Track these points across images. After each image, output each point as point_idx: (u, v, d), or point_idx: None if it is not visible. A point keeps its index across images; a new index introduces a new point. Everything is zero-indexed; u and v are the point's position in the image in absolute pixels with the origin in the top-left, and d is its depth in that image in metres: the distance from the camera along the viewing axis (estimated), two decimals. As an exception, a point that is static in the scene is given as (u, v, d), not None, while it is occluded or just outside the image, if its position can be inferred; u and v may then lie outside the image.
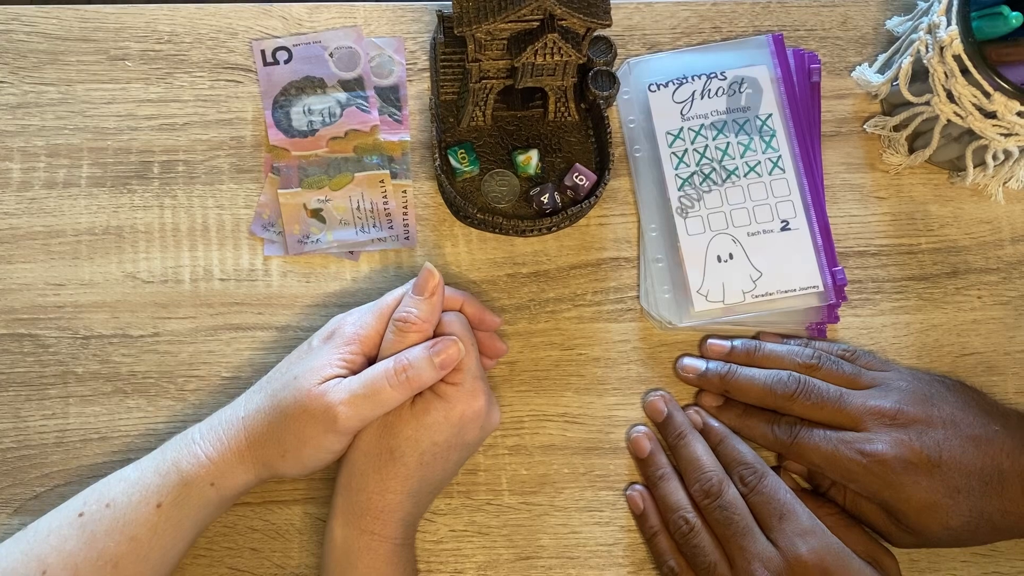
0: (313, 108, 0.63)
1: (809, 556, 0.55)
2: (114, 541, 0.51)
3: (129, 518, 0.52)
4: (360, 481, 0.54)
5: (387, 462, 0.53)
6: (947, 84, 0.59)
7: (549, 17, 0.54)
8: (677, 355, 0.64)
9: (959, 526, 0.56)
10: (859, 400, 0.59)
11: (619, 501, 0.62)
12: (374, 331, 0.56)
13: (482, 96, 0.62)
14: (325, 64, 0.63)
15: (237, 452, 0.54)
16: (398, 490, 0.54)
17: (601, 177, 0.63)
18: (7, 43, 0.66)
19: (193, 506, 0.53)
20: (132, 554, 0.51)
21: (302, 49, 0.62)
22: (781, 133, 0.65)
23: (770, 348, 0.62)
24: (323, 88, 0.62)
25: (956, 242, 0.66)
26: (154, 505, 0.52)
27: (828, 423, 0.59)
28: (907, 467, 0.56)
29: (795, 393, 0.59)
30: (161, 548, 0.52)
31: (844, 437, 0.58)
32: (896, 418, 0.58)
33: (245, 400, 0.56)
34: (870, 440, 0.57)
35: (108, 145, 0.65)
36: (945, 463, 0.56)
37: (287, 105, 0.62)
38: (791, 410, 0.60)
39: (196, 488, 0.53)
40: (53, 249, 0.63)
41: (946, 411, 0.58)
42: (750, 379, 0.61)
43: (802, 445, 0.59)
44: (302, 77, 0.63)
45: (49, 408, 0.61)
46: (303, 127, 0.62)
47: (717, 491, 0.58)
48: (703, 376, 0.62)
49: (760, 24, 0.69)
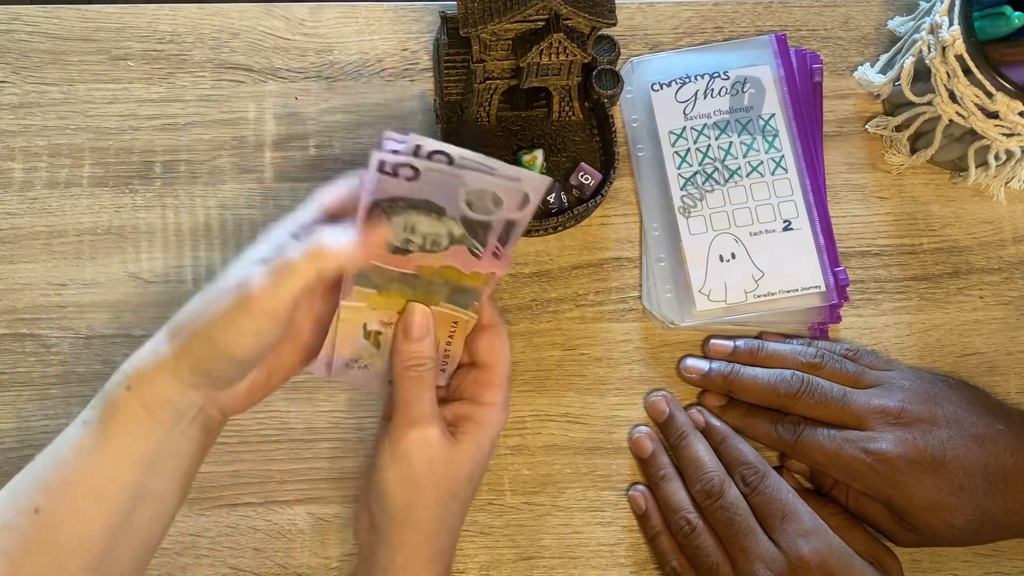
0: (418, 229, 0.49)
1: (811, 556, 0.55)
2: (45, 465, 0.49)
3: (60, 440, 0.49)
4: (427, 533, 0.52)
5: (448, 504, 0.52)
6: (949, 84, 0.59)
7: (554, 17, 0.54)
8: (679, 355, 0.64)
9: (963, 525, 0.56)
10: (863, 399, 0.59)
11: (621, 501, 0.62)
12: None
13: (486, 96, 0.62)
14: (455, 199, 0.48)
15: (154, 351, 0.48)
16: (459, 524, 0.54)
17: (606, 176, 0.63)
18: (9, 43, 0.66)
19: (117, 418, 0.48)
20: (60, 478, 0.48)
21: (435, 176, 0.47)
22: (784, 133, 0.65)
23: (773, 347, 0.62)
24: (439, 215, 0.49)
25: (958, 242, 0.66)
26: (81, 423, 0.49)
27: (832, 422, 0.59)
28: (911, 466, 0.56)
29: (799, 392, 0.59)
30: (88, 470, 0.48)
31: (848, 436, 0.58)
32: (900, 417, 0.58)
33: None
34: (874, 439, 0.57)
35: (110, 145, 0.65)
36: (949, 462, 0.56)
37: (391, 213, 0.48)
38: (795, 409, 0.60)
39: (115, 397, 0.48)
40: (55, 249, 0.63)
41: (950, 410, 0.58)
42: (754, 378, 0.61)
43: (806, 444, 0.59)
44: (420, 199, 0.48)
45: (51, 408, 0.61)
46: (398, 243, 0.49)
47: (718, 491, 0.58)
48: (706, 376, 0.62)
49: (762, 24, 0.69)
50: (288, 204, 0.65)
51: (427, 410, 0.51)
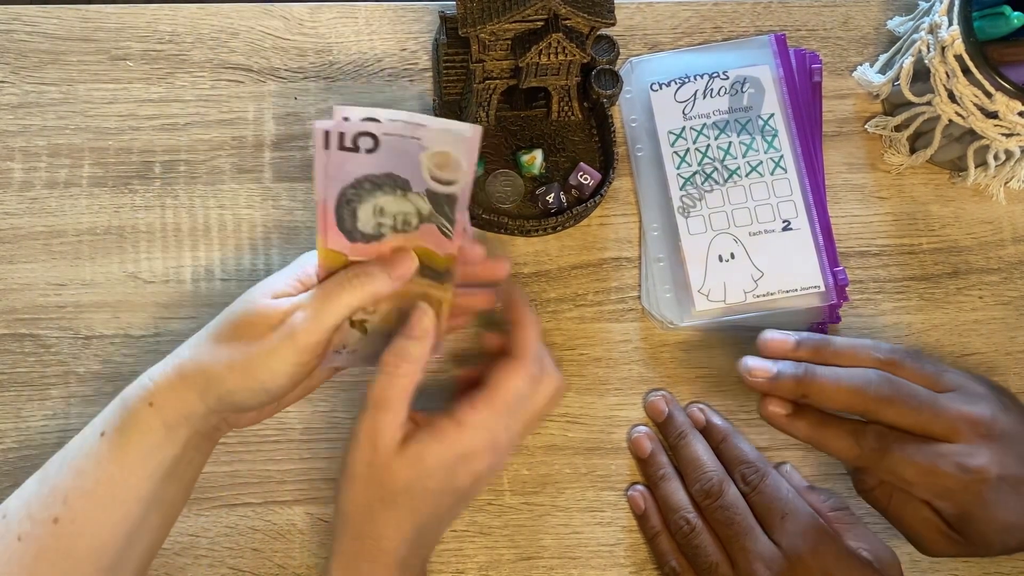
0: (387, 210, 0.48)
1: (811, 556, 0.55)
2: (62, 476, 0.49)
3: (75, 450, 0.50)
4: (376, 543, 0.50)
5: (395, 516, 0.50)
6: (948, 84, 0.59)
7: (553, 17, 0.54)
8: (679, 355, 0.64)
9: (1017, 546, 0.53)
10: (954, 406, 0.52)
11: (620, 501, 0.62)
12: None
13: (485, 97, 0.62)
14: (417, 168, 0.46)
15: (178, 370, 0.50)
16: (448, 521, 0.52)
17: (606, 176, 0.63)
18: (8, 43, 0.66)
19: (136, 431, 0.49)
20: (78, 489, 0.49)
21: (395, 141, 0.45)
22: (783, 133, 0.65)
23: (842, 342, 0.55)
24: (404, 191, 0.47)
25: (957, 242, 0.66)
26: (98, 434, 0.50)
27: (919, 431, 0.52)
28: (1003, 484, 0.51)
29: (891, 395, 0.52)
30: (108, 482, 0.49)
31: (940, 450, 0.52)
32: (992, 428, 0.52)
33: (196, 334, 0.52)
34: (971, 454, 0.51)
35: (109, 145, 0.65)
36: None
37: (356, 201, 0.47)
38: (883, 416, 0.53)
39: (135, 411, 0.49)
40: (54, 249, 0.63)
41: (1018, 421, 0.54)
42: (835, 380, 0.53)
43: (895, 458, 0.52)
44: (383, 173, 0.47)
45: (50, 408, 0.61)
46: (369, 230, 0.48)
47: (718, 491, 0.58)
48: (776, 379, 0.54)
49: (761, 24, 0.69)
50: (287, 204, 0.65)
51: (391, 398, 0.49)
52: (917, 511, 0.54)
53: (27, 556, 0.48)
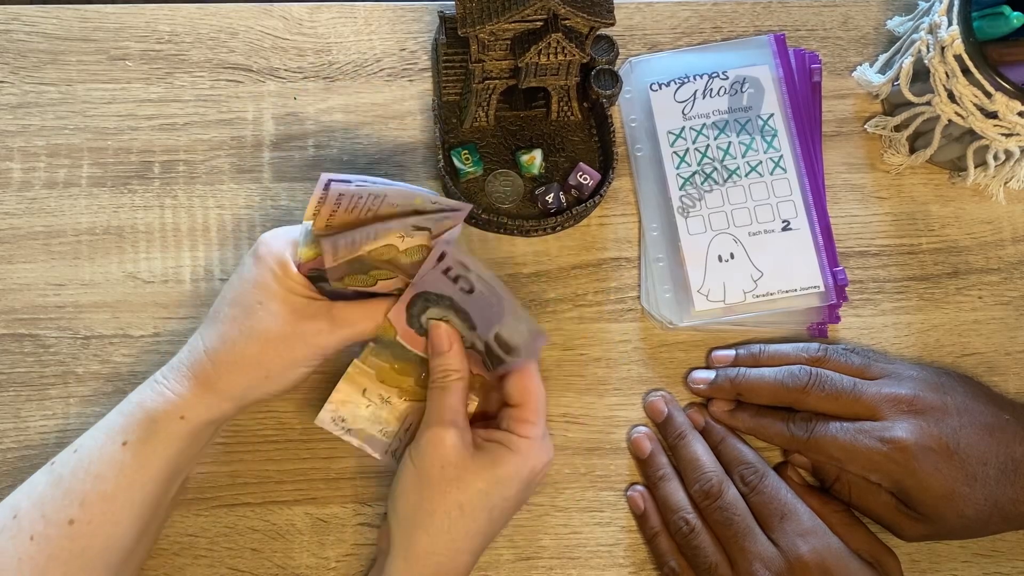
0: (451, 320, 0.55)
1: (810, 556, 0.55)
2: (79, 480, 0.50)
3: (94, 457, 0.51)
4: (429, 543, 0.51)
5: (456, 519, 0.51)
6: (948, 84, 0.59)
7: (553, 17, 0.54)
8: (678, 355, 0.64)
9: (974, 515, 0.56)
10: (874, 388, 0.58)
11: (620, 502, 0.62)
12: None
13: (485, 96, 0.62)
14: (489, 326, 0.54)
15: (206, 383, 0.52)
16: (467, 550, 0.51)
17: (605, 176, 0.63)
18: (7, 43, 0.66)
19: (161, 441, 0.51)
20: (97, 492, 0.50)
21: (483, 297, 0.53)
22: (783, 133, 0.65)
23: (775, 348, 0.62)
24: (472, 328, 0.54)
25: (957, 242, 0.66)
26: (119, 443, 0.51)
27: (844, 414, 0.58)
28: (928, 453, 0.56)
29: (808, 385, 0.59)
30: (128, 487, 0.51)
31: (862, 427, 0.57)
32: (914, 404, 0.57)
33: (202, 333, 0.53)
34: (889, 428, 0.57)
35: (108, 145, 0.65)
36: (963, 450, 0.56)
37: (432, 304, 0.54)
38: (805, 404, 0.59)
39: (164, 423, 0.51)
40: (54, 249, 0.63)
41: (959, 399, 0.58)
42: (760, 377, 0.60)
43: (820, 439, 0.58)
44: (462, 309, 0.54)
45: (50, 408, 0.61)
46: (425, 326, 0.55)
47: (717, 492, 0.58)
48: (713, 384, 0.61)
49: (761, 24, 0.69)
50: (286, 204, 0.65)
51: (446, 415, 0.52)
52: (876, 496, 0.58)
53: (40, 556, 0.49)
